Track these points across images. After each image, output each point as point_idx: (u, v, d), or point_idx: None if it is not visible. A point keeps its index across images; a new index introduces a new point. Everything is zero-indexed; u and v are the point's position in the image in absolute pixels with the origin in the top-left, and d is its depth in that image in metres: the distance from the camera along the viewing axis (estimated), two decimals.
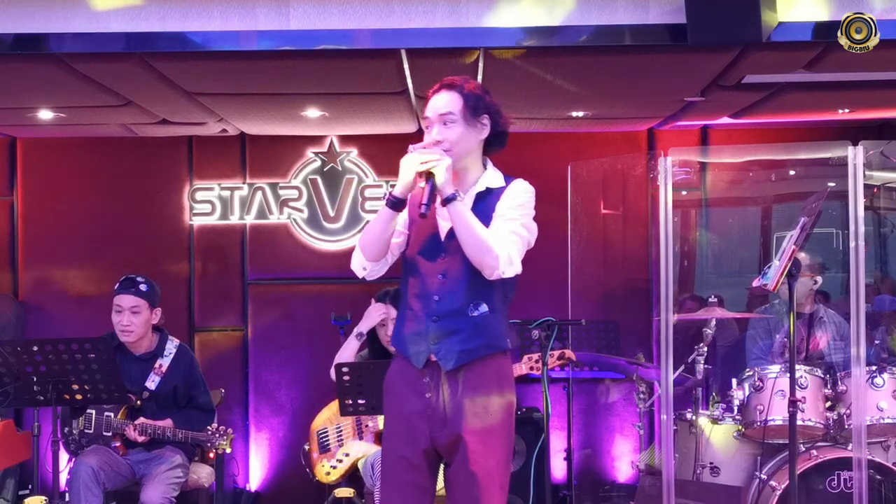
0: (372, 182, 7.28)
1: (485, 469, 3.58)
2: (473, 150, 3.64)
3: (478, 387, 3.58)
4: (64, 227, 7.33)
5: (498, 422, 3.58)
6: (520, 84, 5.51)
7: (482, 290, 3.58)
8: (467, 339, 3.57)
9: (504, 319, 3.66)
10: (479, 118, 3.61)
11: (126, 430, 5.33)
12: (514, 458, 6.50)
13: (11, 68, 5.14)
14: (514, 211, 3.61)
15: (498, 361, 3.62)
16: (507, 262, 3.52)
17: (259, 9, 4.74)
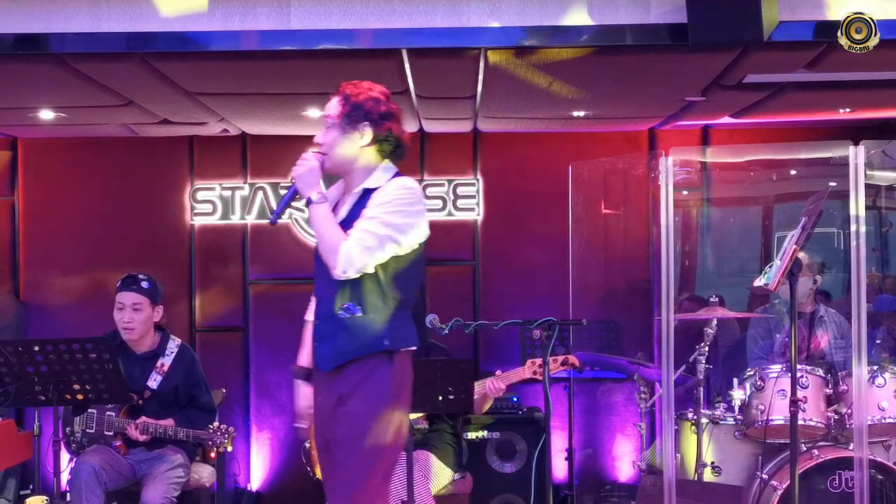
0: None
1: (345, 479, 3.62)
2: (354, 155, 3.68)
3: (349, 392, 3.60)
4: (65, 227, 7.33)
5: (365, 430, 3.57)
6: (520, 84, 5.51)
7: (354, 291, 3.59)
8: (339, 341, 3.62)
9: (385, 320, 3.61)
10: (356, 125, 3.66)
11: (127, 429, 5.33)
12: (514, 458, 6.53)
13: (12, 68, 5.14)
14: (376, 209, 3.59)
15: (374, 363, 3.59)
16: (345, 261, 3.51)
17: (260, 9, 4.74)
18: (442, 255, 7.33)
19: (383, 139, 3.69)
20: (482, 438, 6.49)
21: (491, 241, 7.34)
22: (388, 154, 3.73)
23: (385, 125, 3.68)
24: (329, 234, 3.56)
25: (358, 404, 3.58)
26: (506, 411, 6.63)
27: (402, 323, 3.67)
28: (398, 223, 3.58)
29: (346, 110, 3.67)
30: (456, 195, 7.28)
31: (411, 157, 7.22)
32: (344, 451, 3.62)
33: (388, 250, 3.57)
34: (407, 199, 3.63)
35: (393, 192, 3.63)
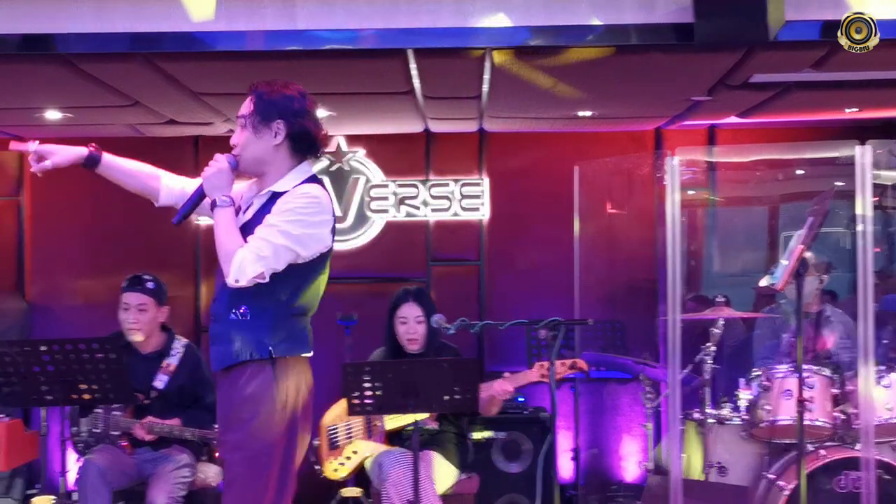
0: (379, 182, 7.28)
1: (229, 483, 3.56)
2: (267, 155, 3.56)
3: (233, 395, 3.53)
4: (70, 227, 7.34)
5: (249, 436, 3.49)
6: (526, 83, 5.51)
7: (245, 294, 3.48)
8: (226, 343, 3.54)
9: (275, 326, 3.53)
10: (269, 124, 3.54)
11: (133, 428, 5.34)
12: (519, 458, 6.53)
13: (18, 68, 5.15)
14: (276, 216, 3.46)
15: (258, 369, 3.51)
16: (238, 270, 3.40)
17: (266, 9, 4.74)
18: (447, 255, 7.33)
19: (297, 137, 3.56)
20: (488, 438, 6.49)
21: (497, 241, 7.34)
22: (304, 152, 3.61)
23: (299, 122, 3.55)
24: (226, 241, 3.46)
25: (242, 409, 3.51)
26: (511, 411, 6.62)
27: (293, 330, 3.59)
28: (296, 233, 3.44)
29: (258, 108, 3.57)
30: (462, 195, 7.27)
31: (417, 157, 7.31)
32: (230, 456, 3.56)
33: (284, 261, 3.45)
34: (308, 209, 3.48)
35: (295, 199, 3.48)
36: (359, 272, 7.30)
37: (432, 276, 7.32)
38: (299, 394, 3.61)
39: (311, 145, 3.60)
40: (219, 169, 3.53)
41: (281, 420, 3.51)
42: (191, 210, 3.63)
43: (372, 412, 5.06)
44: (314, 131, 3.60)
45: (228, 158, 3.57)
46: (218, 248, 3.48)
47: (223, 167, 3.54)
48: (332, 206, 3.60)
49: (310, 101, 3.62)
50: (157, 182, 3.81)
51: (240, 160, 3.58)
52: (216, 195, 3.52)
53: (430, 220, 7.32)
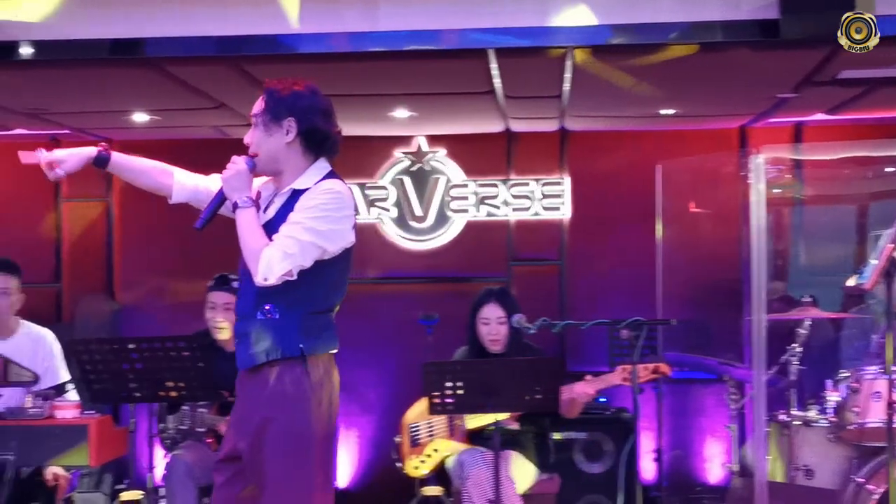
0: (459, 182, 7.29)
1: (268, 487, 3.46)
2: (281, 152, 3.55)
3: (261, 394, 3.51)
4: (158, 227, 7.46)
5: (283, 436, 3.45)
6: (608, 82, 5.47)
7: (272, 291, 3.46)
8: (254, 343, 3.53)
9: (303, 324, 3.51)
10: (280, 122, 3.52)
11: (219, 426, 5.41)
12: (601, 459, 6.49)
13: (108, 72, 5.27)
14: (301, 213, 3.44)
15: (288, 367, 3.49)
16: (266, 268, 3.40)
17: (348, 11, 4.78)
18: (528, 255, 7.31)
19: (308, 134, 3.53)
20: (569, 439, 6.46)
21: (578, 240, 7.30)
22: (318, 149, 3.57)
23: (309, 119, 3.52)
24: (251, 240, 3.48)
25: (274, 409, 3.47)
26: (593, 411, 6.58)
27: (320, 328, 3.57)
28: (322, 230, 3.44)
29: (269, 106, 3.56)
30: (542, 194, 7.25)
31: (498, 157, 7.30)
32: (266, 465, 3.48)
33: (311, 257, 3.44)
34: (332, 205, 3.47)
35: (319, 196, 3.47)
36: (439, 272, 7.32)
37: (513, 275, 7.31)
38: (333, 390, 3.59)
39: (322, 142, 3.57)
40: (237, 171, 3.55)
41: (318, 418, 3.48)
42: (213, 214, 3.68)
43: (453, 411, 5.07)
44: (325, 128, 3.56)
45: (245, 160, 3.58)
46: (243, 249, 3.50)
47: (241, 169, 3.55)
48: (353, 201, 3.59)
49: (321, 99, 3.59)
50: (169, 179, 3.82)
51: (256, 160, 3.58)
52: (236, 197, 3.54)
53: (510, 220, 7.31)
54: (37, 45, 4.92)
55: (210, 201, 3.66)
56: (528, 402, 4.79)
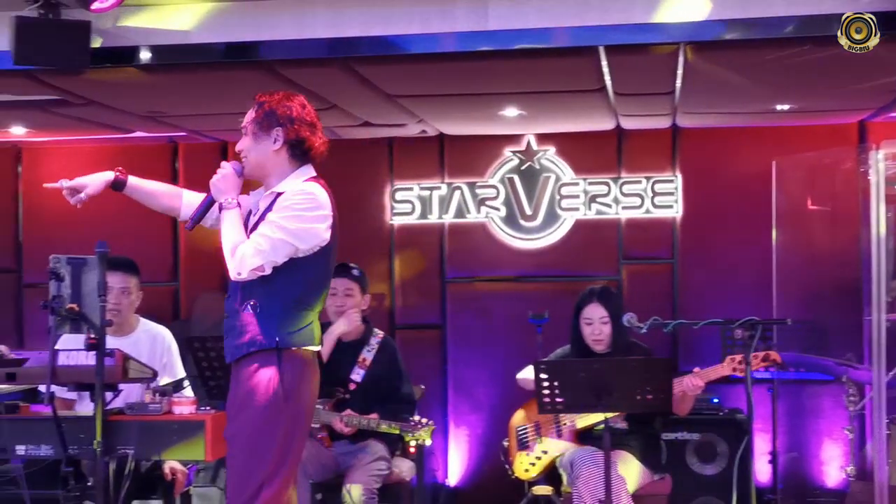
0: (569, 180, 7.26)
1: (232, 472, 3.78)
2: (268, 160, 3.84)
3: (240, 386, 3.75)
4: None
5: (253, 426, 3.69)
6: (721, 78, 5.39)
7: (255, 288, 3.75)
8: (237, 336, 3.78)
9: (280, 319, 3.73)
10: (268, 131, 3.81)
11: (333, 422, 5.48)
12: (714, 460, 6.39)
13: (223, 76, 5.38)
14: (275, 213, 3.73)
15: (264, 360, 3.71)
16: (238, 264, 3.70)
17: (458, 10, 4.80)
18: (640, 254, 7.24)
19: (294, 143, 3.82)
20: (681, 439, 6.39)
21: (690, 238, 7.20)
22: (303, 157, 3.86)
23: (295, 129, 3.81)
24: (229, 237, 3.76)
25: (250, 400, 3.71)
26: (706, 412, 6.50)
27: (297, 323, 3.76)
28: (293, 228, 3.70)
29: (259, 117, 3.84)
30: (654, 192, 7.18)
31: (608, 155, 7.25)
32: (235, 445, 3.78)
33: (283, 254, 3.71)
34: (304, 205, 3.74)
35: (293, 196, 3.76)
36: (549, 271, 7.30)
37: (624, 274, 7.25)
38: (303, 386, 3.78)
39: (307, 151, 3.86)
40: (224, 175, 3.85)
41: (281, 410, 3.70)
42: (202, 214, 3.97)
43: (562, 411, 5.06)
44: (310, 139, 3.85)
45: (234, 164, 3.88)
46: (223, 245, 3.78)
47: (228, 173, 3.85)
48: (329, 203, 3.84)
49: (308, 112, 3.88)
50: (178, 201, 4.13)
51: (245, 165, 3.87)
52: (221, 198, 3.84)
53: (621, 219, 7.25)
54: (155, 50, 5.06)
55: (200, 203, 3.97)
56: (639, 402, 4.76)
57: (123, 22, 4.98)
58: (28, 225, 7.84)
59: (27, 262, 7.81)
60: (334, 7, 4.90)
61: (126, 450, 4.42)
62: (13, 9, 4.78)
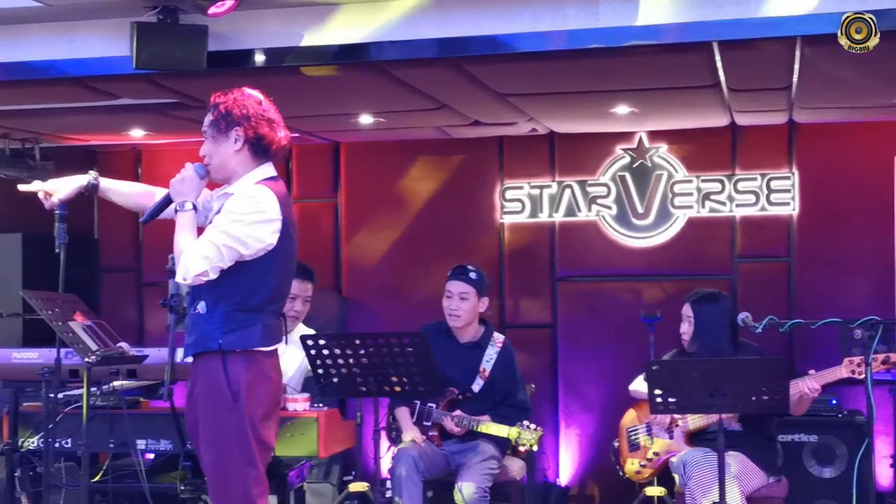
0: (682, 177, 7.17)
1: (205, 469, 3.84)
2: (230, 161, 3.84)
3: (193, 384, 3.83)
4: (382, 226, 7.67)
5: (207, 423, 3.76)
6: (840, 72, 5.25)
7: (203, 290, 3.78)
8: (189, 335, 3.88)
9: (223, 321, 3.74)
10: (227, 132, 3.81)
11: (444, 421, 5.51)
12: (833, 463, 6.24)
13: (335, 77, 5.44)
14: (220, 217, 3.76)
15: (209, 361, 3.75)
16: (184, 268, 3.70)
17: (568, 8, 4.77)
18: (754, 252, 7.11)
19: (255, 141, 3.81)
20: (798, 441, 6.27)
21: (807, 236, 7.04)
22: (265, 155, 3.86)
23: (253, 126, 3.80)
24: (180, 241, 3.76)
25: (201, 399, 3.79)
26: (824, 413, 6.35)
27: (241, 325, 3.76)
28: (236, 234, 3.70)
29: (216, 118, 3.84)
30: (769, 189, 7.04)
31: (722, 152, 7.13)
32: (196, 444, 3.87)
33: (227, 258, 3.70)
34: (248, 209, 3.73)
35: (237, 200, 3.76)
36: (661, 269, 7.22)
37: (738, 273, 7.12)
38: (253, 386, 3.77)
39: (268, 148, 3.85)
40: (184, 177, 3.86)
41: (231, 411, 3.72)
42: (157, 212, 4.03)
43: (675, 411, 5.00)
44: (270, 136, 3.84)
45: (196, 167, 3.87)
46: (174, 249, 3.79)
47: (188, 175, 3.86)
48: (276, 206, 3.79)
49: (266, 107, 3.87)
50: (150, 200, 4.14)
51: (209, 168, 3.87)
52: (179, 200, 3.84)
53: (735, 216, 7.12)
54: (268, 53, 5.15)
55: (157, 201, 4.00)
56: (754, 402, 4.68)
57: (238, 25, 5.08)
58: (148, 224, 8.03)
59: (147, 261, 8.03)
60: (444, 7, 4.92)
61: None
62: (133, 15, 4.91)
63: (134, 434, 4.63)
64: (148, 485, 4.50)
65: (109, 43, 5.20)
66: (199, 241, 3.74)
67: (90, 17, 5.15)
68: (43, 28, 5.27)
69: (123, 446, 4.72)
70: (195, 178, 3.87)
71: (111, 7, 4.96)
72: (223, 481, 3.77)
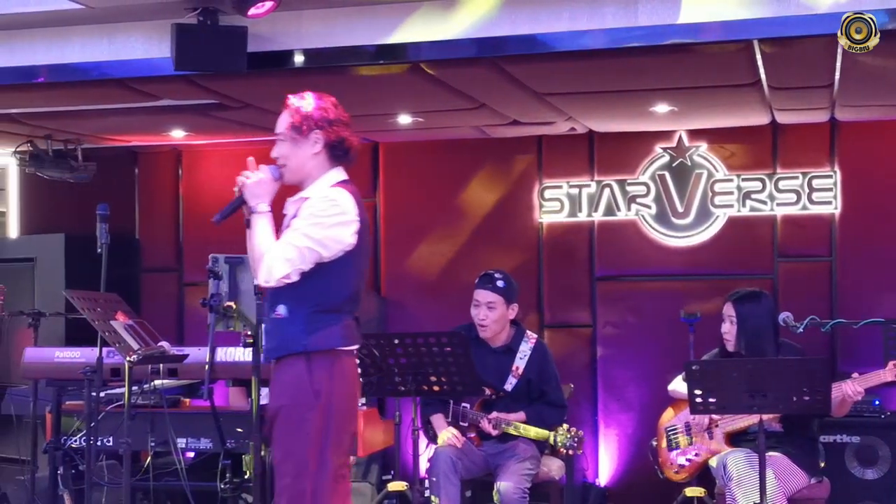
0: (722, 176, 7.11)
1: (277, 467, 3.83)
2: (307, 164, 3.87)
3: (276, 387, 3.84)
4: (421, 225, 7.68)
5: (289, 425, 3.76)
6: (884, 69, 5.19)
7: (283, 293, 3.80)
8: (270, 339, 3.92)
9: (305, 322, 3.78)
10: (306, 135, 3.84)
11: (481, 422, 5.51)
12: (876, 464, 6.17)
13: (374, 77, 5.45)
14: (300, 220, 3.78)
15: (294, 363, 3.77)
16: (266, 272, 3.74)
17: (607, 7, 4.75)
18: (796, 251, 7.04)
19: (334, 145, 3.87)
20: (840, 442, 6.21)
21: (850, 235, 6.97)
22: (340, 159, 3.91)
23: (335, 130, 3.86)
24: (258, 244, 3.79)
25: (283, 400, 3.80)
26: (867, 414, 6.28)
27: (324, 326, 3.80)
28: (318, 236, 3.75)
29: (295, 121, 3.86)
30: (811, 188, 6.97)
31: (762, 151, 7.08)
32: (274, 445, 3.85)
33: (309, 261, 3.75)
34: (327, 212, 3.78)
35: (316, 203, 3.80)
36: (701, 269, 7.17)
37: (779, 272, 7.06)
38: (334, 386, 3.81)
39: (346, 152, 3.92)
40: (259, 179, 3.86)
41: (312, 408, 3.75)
42: (230, 213, 3.96)
43: (715, 411, 4.97)
44: (350, 139, 3.91)
45: (271, 169, 3.89)
46: (250, 251, 3.82)
47: (263, 178, 3.87)
48: (354, 207, 3.85)
49: (342, 111, 3.93)
50: None
51: (284, 171, 3.88)
52: (254, 203, 3.85)
53: (776, 215, 7.06)
54: (307, 53, 5.17)
55: (231, 201, 3.96)
56: (795, 403, 4.64)
57: (278, 26, 5.10)
58: (188, 225, 8.12)
59: (188, 261, 8.08)
60: (481, 6, 4.91)
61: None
62: (173, 17, 4.94)
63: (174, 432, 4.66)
64: (188, 483, 4.53)
65: (150, 44, 5.25)
66: (280, 243, 3.78)
67: (131, 18, 5.20)
68: (85, 30, 5.33)
69: (164, 444, 4.76)
70: (270, 179, 3.90)
71: (152, 9, 5.00)
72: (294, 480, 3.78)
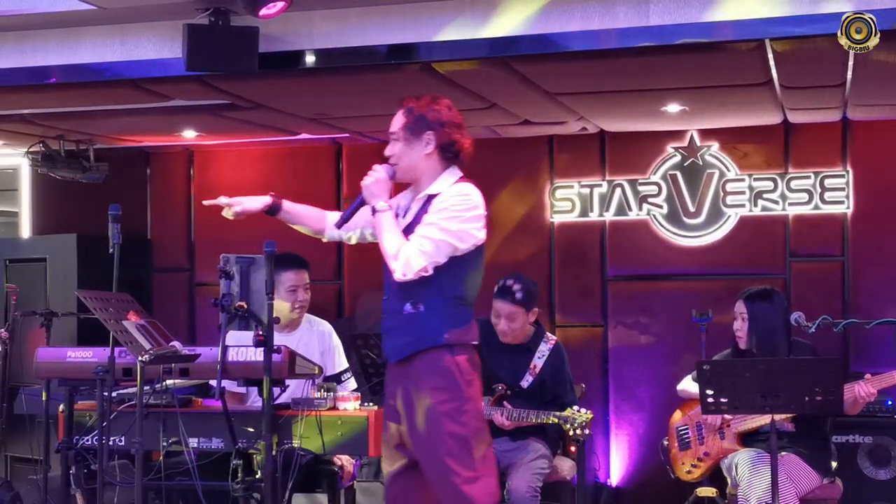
0: (734, 176, 7.10)
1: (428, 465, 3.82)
2: (420, 163, 3.92)
3: (413, 383, 3.83)
4: None
5: (427, 420, 3.77)
6: (894, 67, 5.18)
7: (415, 288, 3.82)
8: (401, 336, 3.89)
9: (444, 315, 3.82)
10: (420, 135, 3.90)
11: (494, 416, 5.51)
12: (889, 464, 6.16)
13: (385, 77, 5.46)
14: (435, 215, 3.82)
15: (433, 357, 3.80)
16: (404, 265, 3.76)
17: (619, 6, 4.75)
18: (808, 251, 7.03)
19: (446, 146, 3.89)
20: (853, 442, 6.19)
21: (862, 235, 6.95)
22: (452, 159, 3.93)
23: (446, 132, 3.89)
24: (389, 240, 3.83)
25: (428, 395, 3.79)
26: (879, 415, 6.27)
27: (462, 319, 3.87)
28: (454, 229, 3.79)
29: (409, 122, 3.93)
30: (823, 188, 6.95)
31: (774, 150, 7.06)
32: (422, 441, 3.82)
33: (444, 254, 3.79)
34: (463, 206, 3.83)
35: (450, 198, 3.84)
36: (713, 269, 7.16)
37: (791, 272, 7.05)
38: (476, 376, 3.88)
39: (458, 153, 3.94)
40: (376, 179, 3.92)
41: (467, 400, 3.80)
42: (352, 214, 4.06)
43: (727, 411, 4.96)
44: (460, 140, 3.93)
45: (386, 168, 3.95)
46: (383, 248, 3.85)
47: (381, 177, 3.93)
48: (482, 202, 3.92)
49: (455, 114, 3.97)
50: (322, 223, 4.25)
51: (396, 170, 3.94)
52: (375, 202, 3.91)
53: (788, 215, 7.05)
54: (319, 54, 5.18)
55: (351, 204, 4.06)
56: (808, 403, 4.63)
57: (289, 27, 5.11)
58: (200, 225, 8.14)
59: (199, 261, 8.11)
60: (492, 5, 4.92)
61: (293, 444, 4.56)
62: (185, 17, 4.96)
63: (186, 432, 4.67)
64: (200, 483, 4.53)
65: (162, 45, 5.27)
66: (416, 237, 3.82)
67: (143, 19, 5.21)
68: (97, 31, 5.34)
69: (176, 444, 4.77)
70: (385, 179, 3.95)
71: (163, 10, 5.01)
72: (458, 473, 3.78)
